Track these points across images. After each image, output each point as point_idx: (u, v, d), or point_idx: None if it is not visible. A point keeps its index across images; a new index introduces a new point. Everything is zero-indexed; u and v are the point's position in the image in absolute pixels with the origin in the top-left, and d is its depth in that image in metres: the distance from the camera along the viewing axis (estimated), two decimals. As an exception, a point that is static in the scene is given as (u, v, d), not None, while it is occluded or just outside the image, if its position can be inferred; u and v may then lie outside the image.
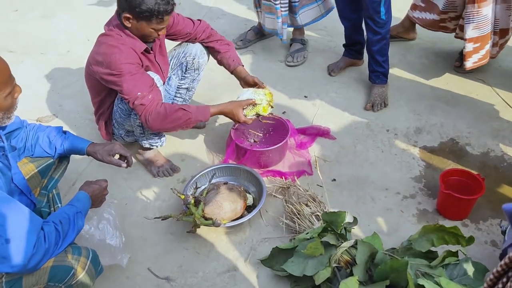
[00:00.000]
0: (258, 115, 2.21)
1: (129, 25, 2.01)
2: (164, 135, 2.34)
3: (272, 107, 2.25)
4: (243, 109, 2.17)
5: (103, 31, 2.10)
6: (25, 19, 3.91)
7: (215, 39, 2.39)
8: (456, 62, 3.01)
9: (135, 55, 2.05)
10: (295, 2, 2.96)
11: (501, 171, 2.30)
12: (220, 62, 2.43)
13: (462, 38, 2.69)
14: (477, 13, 2.47)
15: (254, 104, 2.18)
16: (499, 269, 0.84)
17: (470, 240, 1.66)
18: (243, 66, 2.41)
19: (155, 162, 2.36)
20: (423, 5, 2.90)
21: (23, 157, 1.75)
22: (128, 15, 1.97)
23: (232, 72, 2.40)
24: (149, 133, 2.24)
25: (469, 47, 2.60)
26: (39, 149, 1.78)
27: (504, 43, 2.74)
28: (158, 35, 2.07)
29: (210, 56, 2.46)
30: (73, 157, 1.94)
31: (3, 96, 1.43)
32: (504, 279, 0.84)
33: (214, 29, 2.41)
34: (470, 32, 2.54)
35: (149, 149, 2.37)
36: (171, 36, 2.31)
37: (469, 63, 2.65)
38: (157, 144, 2.32)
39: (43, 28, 3.75)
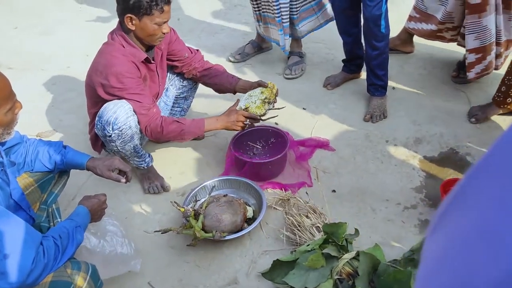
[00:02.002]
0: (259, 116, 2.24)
1: (132, 27, 2.02)
2: (149, 156, 2.29)
3: (269, 103, 2.26)
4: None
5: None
6: (25, 36, 3.94)
7: (210, 66, 2.46)
8: (453, 73, 3.02)
9: (135, 67, 2.07)
10: (293, 15, 2.99)
11: (502, 180, 2.29)
12: (219, 86, 2.44)
13: (464, 46, 2.70)
14: (478, 23, 2.48)
15: (246, 109, 2.21)
16: None
17: None
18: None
19: (147, 178, 2.34)
20: (417, 16, 2.92)
21: (23, 172, 1.75)
22: (130, 15, 1.99)
23: (236, 88, 2.40)
24: (132, 156, 2.20)
25: (471, 57, 2.59)
26: (39, 164, 1.78)
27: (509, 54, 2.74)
28: (163, 33, 2.07)
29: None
30: (73, 171, 1.94)
31: (4, 112, 1.44)
32: None
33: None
34: (471, 42, 2.55)
35: None
36: (169, 56, 2.34)
37: (471, 74, 2.64)
38: (142, 165, 2.27)
39: (43, 44, 3.78)
